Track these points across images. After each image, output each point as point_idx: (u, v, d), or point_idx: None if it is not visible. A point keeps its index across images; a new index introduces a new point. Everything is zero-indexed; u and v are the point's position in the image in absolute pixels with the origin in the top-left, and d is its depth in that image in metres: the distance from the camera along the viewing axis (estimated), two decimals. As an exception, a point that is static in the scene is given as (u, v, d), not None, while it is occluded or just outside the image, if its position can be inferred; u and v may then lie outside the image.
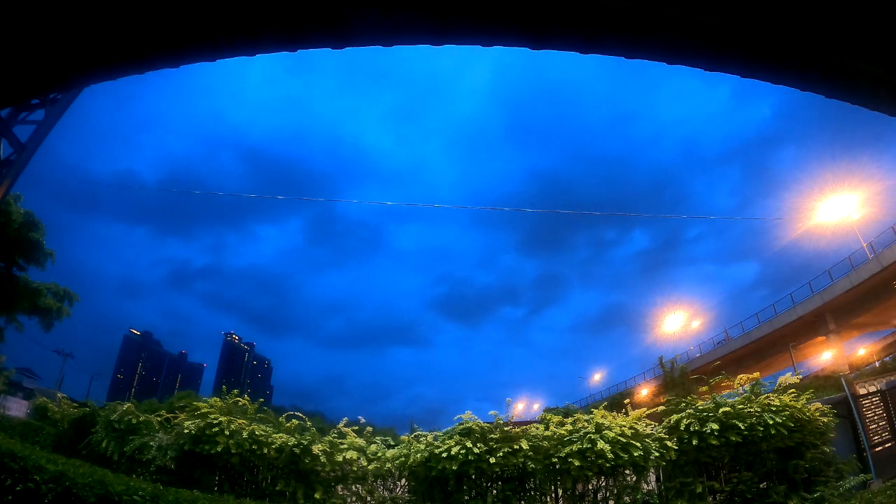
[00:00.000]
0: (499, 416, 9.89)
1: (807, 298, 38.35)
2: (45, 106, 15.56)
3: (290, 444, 9.65)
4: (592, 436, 8.95)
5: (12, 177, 14.90)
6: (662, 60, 3.62)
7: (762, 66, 3.49)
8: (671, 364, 30.00)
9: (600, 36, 3.50)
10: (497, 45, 3.68)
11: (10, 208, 17.82)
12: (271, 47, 3.94)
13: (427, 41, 3.69)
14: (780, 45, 3.22)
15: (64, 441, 13.16)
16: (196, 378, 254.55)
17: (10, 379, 26.04)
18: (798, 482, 9.11)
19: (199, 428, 9.48)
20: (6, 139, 14.65)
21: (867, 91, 3.37)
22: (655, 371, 40.08)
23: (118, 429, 11.72)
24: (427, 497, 9.30)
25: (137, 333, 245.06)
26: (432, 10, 3.44)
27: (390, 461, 9.84)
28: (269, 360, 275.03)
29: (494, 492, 9.23)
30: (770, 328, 41.28)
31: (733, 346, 45.07)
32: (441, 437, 9.61)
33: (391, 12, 3.47)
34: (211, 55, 3.95)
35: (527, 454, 9.09)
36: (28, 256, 19.40)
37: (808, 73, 3.41)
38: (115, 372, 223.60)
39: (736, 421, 9.18)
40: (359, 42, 3.79)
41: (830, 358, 38.50)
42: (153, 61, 3.98)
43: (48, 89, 9.39)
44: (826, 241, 41.42)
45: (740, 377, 10.92)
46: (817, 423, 9.57)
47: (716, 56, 3.49)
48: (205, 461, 9.55)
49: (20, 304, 19.72)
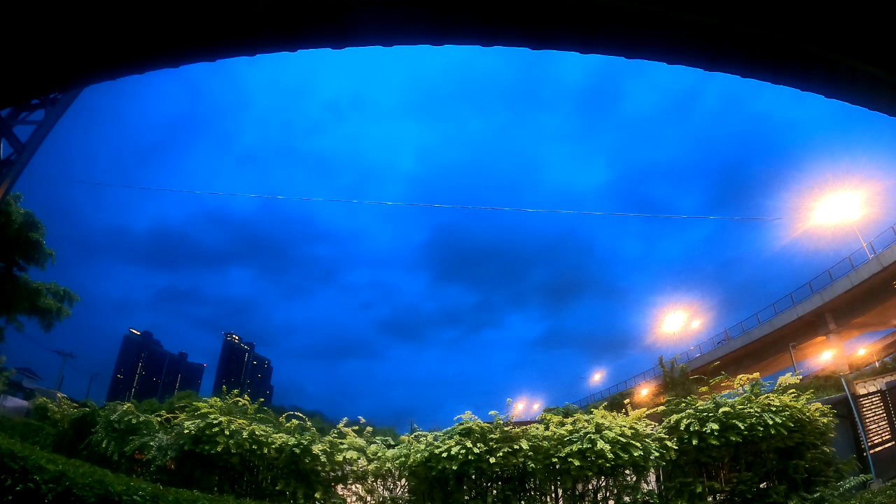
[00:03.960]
0: (499, 416, 9.90)
1: (807, 298, 38.32)
2: (45, 106, 15.56)
3: (290, 444, 9.66)
4: (592, 436, 8.95)
5: (12, 177, 14.91)
6: (662, 60, 3.62)
7: (762, 66, 3.48)
8: (671, 364, 29.94)
9: (600, 36, 3.50)
10: (497, 44, 3.68)
11: (10, 208, 17.80)
12: (271, 47, 3.94)
13: (427, 41, 3.69)
14: (780, 45, 3.22)
15: (64, 441, 13.16)
16: (196, 378, 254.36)
17: (10, 379, 25.99)
18: (798, 482, 9.11)
19: (199, 428, 9.48)
20: (6, 139, 14.64)
21: (867, 91, 3.36)
22: (655, 371, 40.07)
23: (118, 429, 11.72)
24: (427, 497, 9.30)
25: (137, 333, 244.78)
26: (432, 10, 3.44)
27: (390, 461, 9.84)
28: (269, 360, 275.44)
29: (494, 492, 9.23)
30: (770, 328, 41.24)
31: (733, 346, 45.03)
32: (441, 437, 9.62)
33: (391, 12, 3.47)
34: (211, 55, 3.95)
35: (527, 454, 9.09)
36: (28, 256, 19.38)
37: (808, 73, 3.40)
38: (115, 372, 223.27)
39: (736, 421, 9.17)
40: (359, 42, 3.79)
41: (830, 358, 38.46)
42: (153, 61, 3.98)
43: (48, 89, 9.38)
44: (826, 241, 41.45)
45: (740, 377, 10.92)
46: (817, 423, 9.56)
47: (716, 56, 3.49)
48: (205, 461, 9.55)
49: (20, 304, 19.70)
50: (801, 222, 40.54)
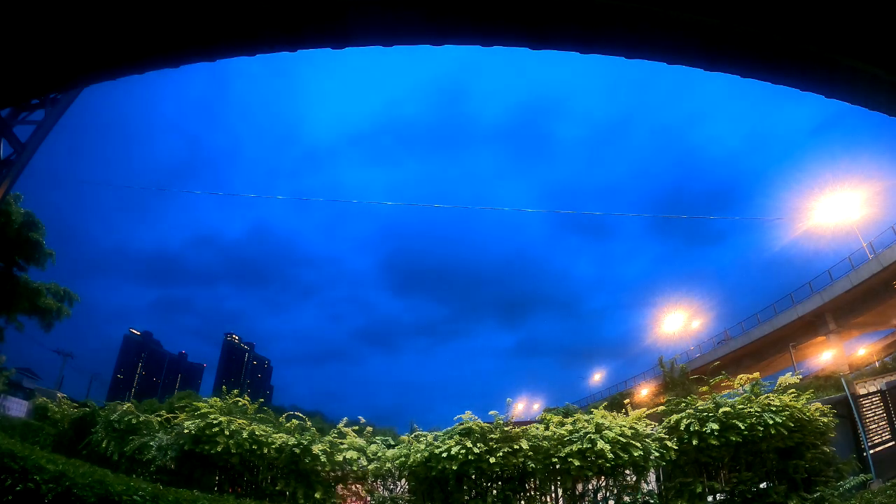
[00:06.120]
0: (499, 416, 9.90)
1: (807, 298, 38.34)
2: (45, 106, 15.56)
3: (291, 444, 9.66)
4: (592, 436, 8.95)
5: (12, 177, 14.90)
6: (662, 60, 3.62)
7: (762, 66, 3.49)
8: (671, 364, 29.94)
9: (600, 36, 3.50)
10: (497, 44, 3.68)
11: (10, 208, 17.82)
12: (271, 47, 3.94)
13: (427, 41, 3.69)
14: (780, 45, 3.22)
15: (64, 441, 13.18)
16: (196, 378, 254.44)
17: (10, 379, 26.01)
18: (798, 482, 9.11)
19: (199, 428, 9.48)
20: (6, 139, 14.64)
21: (867, 91, 3.36)
22: (655, 371, 40.07)
23: (118, 429, 11.74)
24: (427, 497, 9.31)
25: (137, 333, 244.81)
26: (432, 10, 3.44)
27: (390, 461, 9.85)
28: (269, 360, 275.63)
29: (494, 492, 9.23)
30: (770, 328, 41.25)
31: (733, 346, 45.04)
32: (441, 437, 9.61)
33: (391, 12, 3.48)
34: (211, 55, 3.96)
35: (527, 454, 9.09)
36: (28, 256, 19.40)
37: (808, 73, 3.41)
38: (115, 372, 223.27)
39: (736, 421, 9.17)
40: (359, 42, 3.79)
41: (830, 358, 38.45)
42: (153, 61, 3.99)
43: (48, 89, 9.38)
44: (826, 241, 41.47)
45: (740, 377, 10.91)
46: (817, 423, 9.56)
47: (716, 56, 3.49)
48: (205, 461, 9.55)
49: (20, 304, 19.72)
50: (801, 222, 40.56)
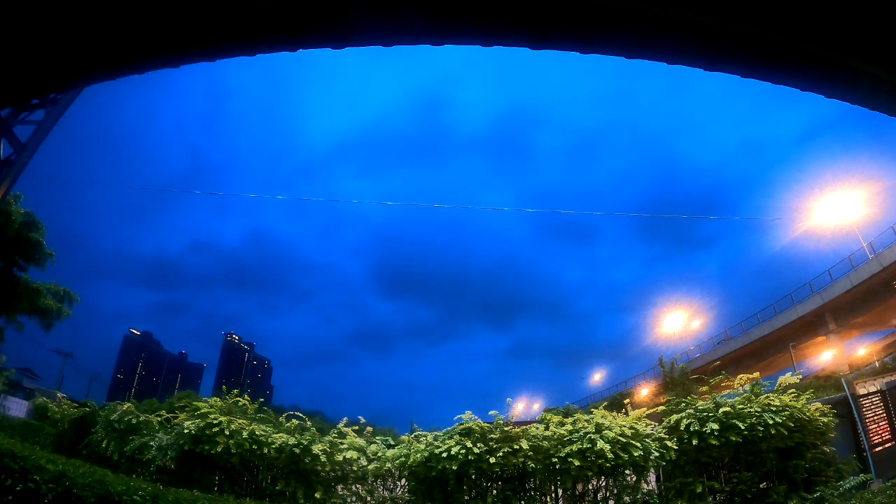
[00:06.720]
0: (499, 416, 9.90)
1: (807, 298, 38.33)
2: (45, 106, 15.56)
3: (291, 443, 9.65)
4: (592, 436, 8.95)
5: (12, 177, 14.91)
6: (662, 60, 3.62)
7: (762, 66, 3.49)
8: (671, 364, 29.95)
9: (600, 36, 3.50)
10: (497, 44, 3.68)
11: (10, 208, 17.82)
12: (271, 47, 3.94)
13: (427, 41, 3.69)
14: (780, 45, 3.22)
15: (64, 441, 13.18)
16: (196, 378, 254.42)
17: (10, 379, 26.02)
18: (798, 482, 9.11)
19: (199, 428, 9.48)
20: (6, 139, 14.65)
21: (867, 91, 3.36)
22: (655, 371, 40.07)
23: (118, 429, 11.73)
24: (427, 497, 9.30)
25: (137, 333, 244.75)
26: (432, 10, 3.44)
27: (390, 461, 9.85)
28: (269, 360, 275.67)
29: (494, 492, 9.23)
30: (770, 328, 41.25)
31: (733, 346, 45.04)
32: (441, 437, 9.61)
33: (392, 12, 3.48)
34: (211, 55, 3.95)
35: (527, 454, 9.09)
36: (28, 256, 19.40)
37: (808, 73, 3.41)
38: (115, 372, 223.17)
39: (736, 421, 9.17)
40: (359, 42, 3.79)
41: (830, 358, 38.45)
42: (153, 61, 3.98)
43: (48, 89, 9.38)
44: (826, 241, 41.45)
45: (740, 377, 10.92)
46: (817, 423, 9.56)
47: (716, 56, 3.49)
48: (205, 461, 9.55)
49: (20, 304, 19.72)
50: (800, 223, 40.56)
